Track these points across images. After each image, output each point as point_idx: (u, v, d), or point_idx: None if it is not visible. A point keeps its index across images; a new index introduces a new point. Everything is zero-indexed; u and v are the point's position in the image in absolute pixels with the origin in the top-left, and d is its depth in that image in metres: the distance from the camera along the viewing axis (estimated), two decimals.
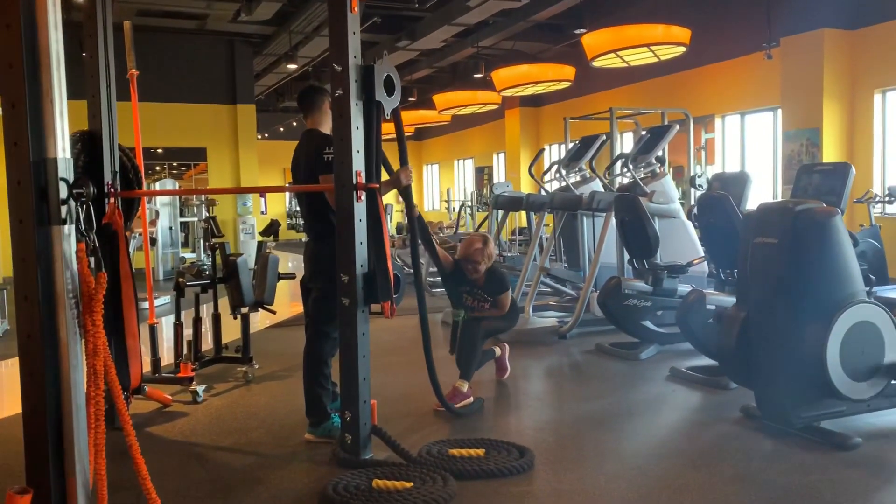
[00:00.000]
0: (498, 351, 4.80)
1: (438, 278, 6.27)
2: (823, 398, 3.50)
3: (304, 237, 5.49)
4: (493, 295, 4.56)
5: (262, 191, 30.21)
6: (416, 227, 3.81)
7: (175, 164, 16.11)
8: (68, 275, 1.99)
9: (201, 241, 13.76)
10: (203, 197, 13.98)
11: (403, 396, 4.42)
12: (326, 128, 3.81)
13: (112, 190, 3.65)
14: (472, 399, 4.28)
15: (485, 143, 20.91)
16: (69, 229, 2.00)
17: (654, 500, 2.90)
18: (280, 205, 27.24)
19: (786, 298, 3.51)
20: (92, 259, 2.00)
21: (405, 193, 3.65)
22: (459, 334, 4.42)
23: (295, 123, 23.70)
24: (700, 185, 9.89)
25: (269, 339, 6.51)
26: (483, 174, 22.02)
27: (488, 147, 20.97)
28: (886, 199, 8.05)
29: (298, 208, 4.16)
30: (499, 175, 20.82)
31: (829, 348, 3.34)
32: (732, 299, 4.70)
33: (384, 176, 3.60)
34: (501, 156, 20.46)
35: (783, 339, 3.52)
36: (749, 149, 12.06)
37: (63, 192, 1.97)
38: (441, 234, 11.60)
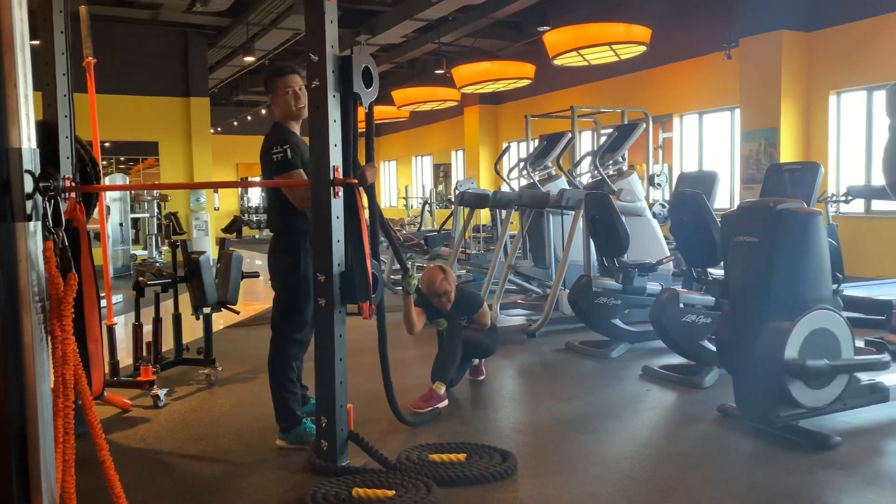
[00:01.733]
0: (476, 360, 4.72)
1: (399, 276, 6.05)
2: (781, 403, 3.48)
3: (257, 234, 5.31)
4: (469, 314, 4.51)
5: (227, 185, 29.68)
6: (380, 226, 3.67)
7: (122, 158, 15.62)
8: (34, 276, 1.82)
9: (154, 238, 13.36)
10: (155, 192, 13.57)
11: (375, 398, 4.27)
12: (279, 115, 3.64)
13: (72, 184, 3.44)
14: (446, 401, 4.19)
15: (443, 140, 20.82)
16: (35, 226, 1.83)
17: None
18: (233, 201, 26.70)
19: (764, 296, 3.49)
20: (60, 259, 1.83)
21: (369, 191, 3.49)
22: (443, 341, 4.35)
23: (249, 118, 23.26)
24: (659, 184, 9.96)
25: (230, 339, 6.30)
26: (440, 171, 21.92)
27: (447, 144, 20.88)
28: (843, 198, 8.20)
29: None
30: (457, 172, 20.76)
31: (786, 353, 3.30)
32: (707, 298, 4.71)
33: None
34: (460, 153, 20.40)
35: (759, 338, 3.49)
36: (706, 148, 12.21)
37: (28, 185, 1.80)
38: (404, 232, 11.45)
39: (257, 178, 29.40)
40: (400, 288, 4.15)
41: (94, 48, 4.95)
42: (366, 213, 3.32)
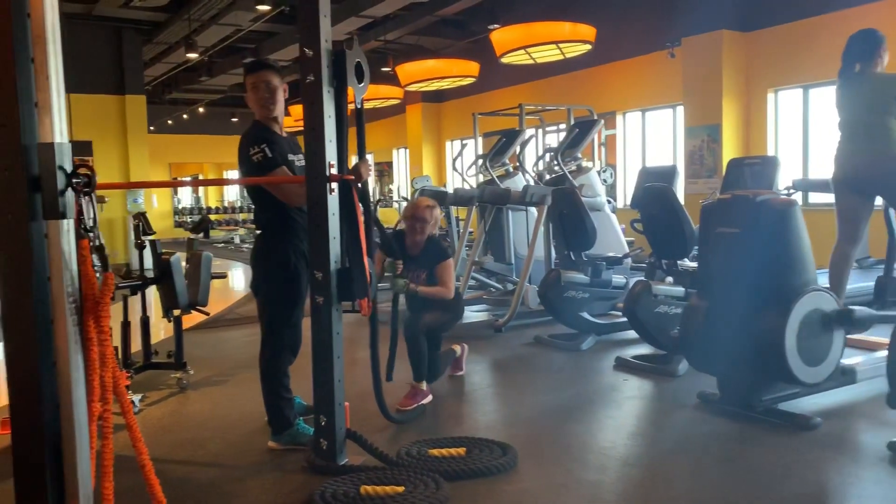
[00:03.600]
0: (458, 351, 4.72)
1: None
2: (781, 382, 3.64)
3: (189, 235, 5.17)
4: (432, 265, 4.28)
5: (212, 183, 28.74)
6: (374, 223, 3.64)
7: None
8: (67, 276, 1.75)
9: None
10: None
11: (365, 395, 4.23)
12: (262, 118, 3.52)
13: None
14: (430, 397, 4.19)
15: (385, 137, 20.73)
16: (68, 224, 1.75)
17: (652, 489, 2.91)
18: (167, 202, 25.95)
19: (748, 286, 3.62)
20: (96, 258, 1.76)
21: (362, 189, 3.43)
22: (406, 339, 4.19)
23: (186, 116, 22.68)
24: (605, 181, 10.17)
25: (196, 341, 6.13)
26: (377, 170, 21.78)
27: (388, 142, 20.80)
28: (786, 191, 8.54)
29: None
30: (399, 171, 20.71)
31: (786, 336, 3.46)
32: (678, 289, 4.85)
33: None
34: (402, 151, 20.36)
35: (744, 326, 3.62)
36: (648, 145, 12.54)
37: (61, 182, 1.72)
38: None
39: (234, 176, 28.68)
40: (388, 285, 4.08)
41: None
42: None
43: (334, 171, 3.14)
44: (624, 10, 12.08)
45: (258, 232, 3.62)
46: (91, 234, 1.75)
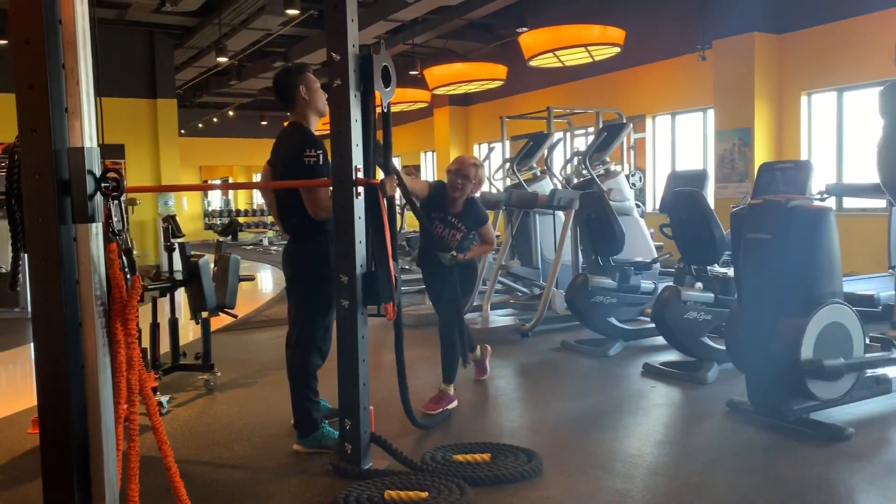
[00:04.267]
0: (479, 352, 4.70)
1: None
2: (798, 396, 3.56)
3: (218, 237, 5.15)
4: (470, 228, 4.22)
5: (245, 187, 29.12)
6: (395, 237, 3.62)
7: None
8: (96, 279, 1.76)
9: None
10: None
11: (388, 400, 4.24)
12: (303, 114, 3.52)
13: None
14: (456, 402, 4.18)
15: (413, 141, 20.78)
16: (97, 227, 1.77)
17: (679, 499, 2.87)
18: (197, 204, 26.27)
19: (774, 294, 3.56)
20: (126, 260, 1.78)
21: (388, 200, 3.42)
22: (441, 339, 4.23)
23: (216, 119, 22.93)
24: (633, 185, 10.05)
25: (223, 343, 6.18)
26: (405, 173, 21.83)
27: (416, 145, 20.85)
28: (819, 196, 8.39)
29: (268, 207, 3.89)
30: (426, 174, 20.73)
31: (802, 350, 3.38)
32: (707, 295, 4.78)
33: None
34: (429, 154, 20.38)
35: (769, 335, 3.55)
36: (678, 148, 12.40)
37: (90, 186, 1.74)
38: None
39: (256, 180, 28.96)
40: None
41: None
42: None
43: (360, 175, 3.15)
44: (653, 13, 11.98)
45: (290, 235, 3.61)
46: (119, 238, 1.76)
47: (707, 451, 3.41)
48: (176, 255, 4.80)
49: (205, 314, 4.74)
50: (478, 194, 4.34)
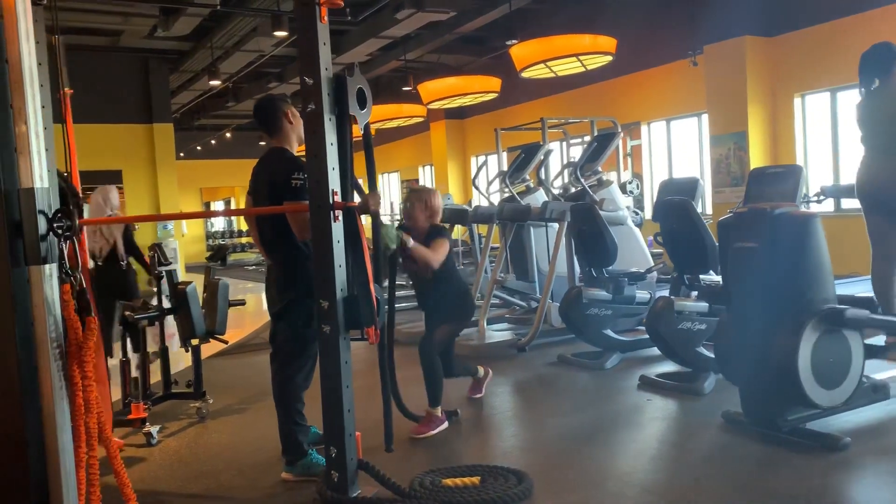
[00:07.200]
0: (481, 372, 4.65)
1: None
2: (797, 405, 3.51)
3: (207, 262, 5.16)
4: (428, 243, 4.05)
5: (232, 214, 29.20)
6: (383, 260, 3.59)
7: (83, 187, 15.24)
8: (51, 321, 1.73)
9: None
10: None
11: (374, 425, 4.19)
12: (287, 140, 3.61)
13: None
14: (446, 423, 4.12)
15: (411, 155, 20.80)
16: (50, 269, 1.74)
17: None
18: (199, 227, 26.30)
19: (765, 303, 3.51)
20: (77, 302, 1.74)
21: (373, 221, 3.39)
22: (421, 361, 4.13)
23: (214, 141, 22.99)
24: (630, 192, 9.99)
25: (215, 369, 6.15)
26: (403, 187, 21.84)
27: (414, 160, 20.86)
28: (815, 198, 8.33)
29: (250, 231, 3.91)
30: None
31: (799, 358, 3.32)
32: (701, 305, 4.72)
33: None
34: (427, 168, 20.39)
35: (762, 345, 3.49)
36: (675, 154, 12.36)
37: (42, 226, 1.71)
38: None
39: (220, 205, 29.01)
40: None
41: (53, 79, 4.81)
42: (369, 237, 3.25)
43: (338, 198, 3.12)
44: (644, 20, 11.97)
45: (277, 258, 3.59)
46: (73, 279, 1.73)
47: (699, 465, 3.35)
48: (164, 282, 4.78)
49: (195, 341, 4.71)
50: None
